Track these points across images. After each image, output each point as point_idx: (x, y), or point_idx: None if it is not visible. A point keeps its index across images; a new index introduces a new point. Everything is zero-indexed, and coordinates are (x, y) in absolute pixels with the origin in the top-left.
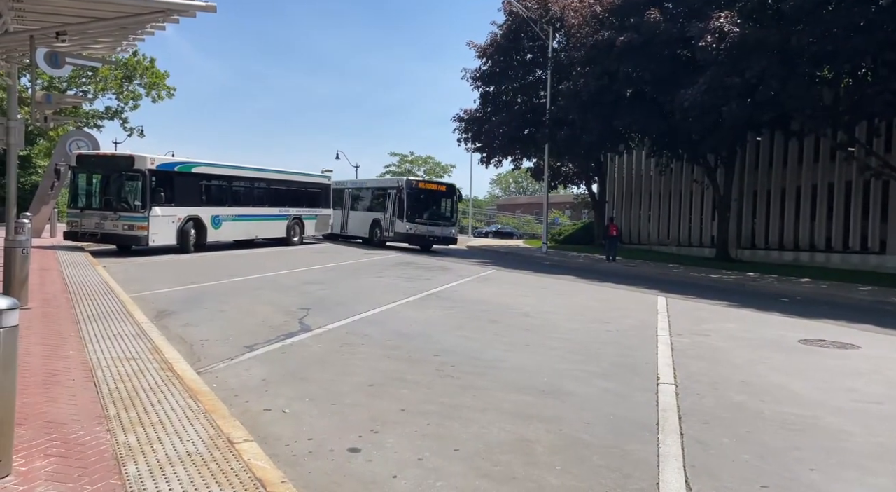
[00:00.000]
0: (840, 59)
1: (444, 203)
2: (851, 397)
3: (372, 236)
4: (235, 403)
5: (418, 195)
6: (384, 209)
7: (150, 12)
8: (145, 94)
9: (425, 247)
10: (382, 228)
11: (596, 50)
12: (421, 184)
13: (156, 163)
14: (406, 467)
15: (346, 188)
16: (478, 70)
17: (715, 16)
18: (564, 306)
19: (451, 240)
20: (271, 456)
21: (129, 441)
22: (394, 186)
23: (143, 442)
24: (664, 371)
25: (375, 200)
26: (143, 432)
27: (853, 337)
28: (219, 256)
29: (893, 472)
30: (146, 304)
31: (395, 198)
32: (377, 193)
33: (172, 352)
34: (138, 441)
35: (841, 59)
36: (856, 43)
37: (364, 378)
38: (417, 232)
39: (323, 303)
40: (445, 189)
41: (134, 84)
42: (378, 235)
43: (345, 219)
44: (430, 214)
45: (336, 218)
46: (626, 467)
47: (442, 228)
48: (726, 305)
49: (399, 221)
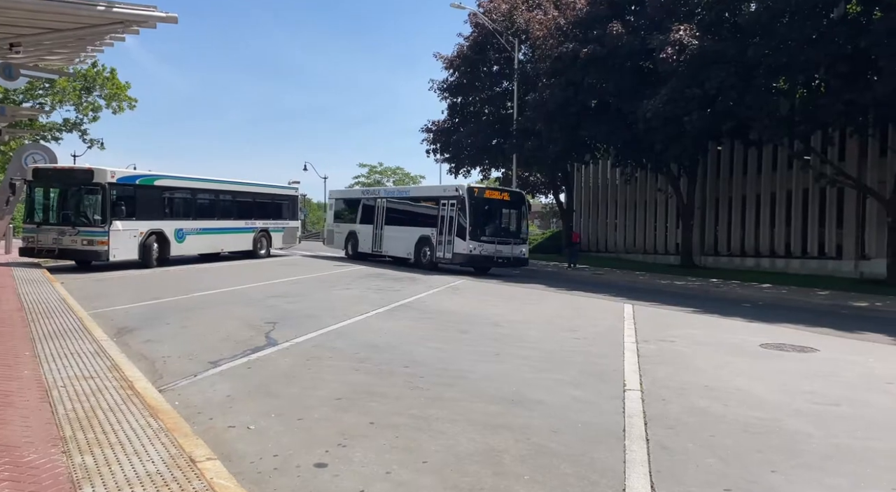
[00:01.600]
0: (794, 70)
1: (511, 215)
2: (810, 400)
3: (419, 257)
4: (198, 420)
5: (482, 206)
6: (436, 224)
7: (109, 23)
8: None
9: (484, 270)
10: (434, 246)
11: (560, 62)
12: (487, 192)
13: (116, 176)
14: (374, 482)
15: (377, 198)
16: (445, 81)
17: (675, 29)
18: (533, 315)
19: (521, 261)
20: (235, 474)
21: (85, 463)
22: (450, 195)
23: (101, 463)
24: (631, 378)
25: (423, 212)
26: (100, 453)
27: (812, 340)
28: (183, 270)
29: (850, 472)
30: (106, 321)
31: (453, 210)
32: (425, 204)
33: (133, 370)
34: (95, 463)
35: (795, 71)
36: (809, 55)
37: (332, 392)
38: (484, 252)
39: (290, 316)
40: (511, 198)
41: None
42: (427, 256)
43: (377, 235)
44: (498, 229)
45: (365, 234)
46: (594, 474)
47: (512, 247)
48: (691, 311)
49: (460, 239)
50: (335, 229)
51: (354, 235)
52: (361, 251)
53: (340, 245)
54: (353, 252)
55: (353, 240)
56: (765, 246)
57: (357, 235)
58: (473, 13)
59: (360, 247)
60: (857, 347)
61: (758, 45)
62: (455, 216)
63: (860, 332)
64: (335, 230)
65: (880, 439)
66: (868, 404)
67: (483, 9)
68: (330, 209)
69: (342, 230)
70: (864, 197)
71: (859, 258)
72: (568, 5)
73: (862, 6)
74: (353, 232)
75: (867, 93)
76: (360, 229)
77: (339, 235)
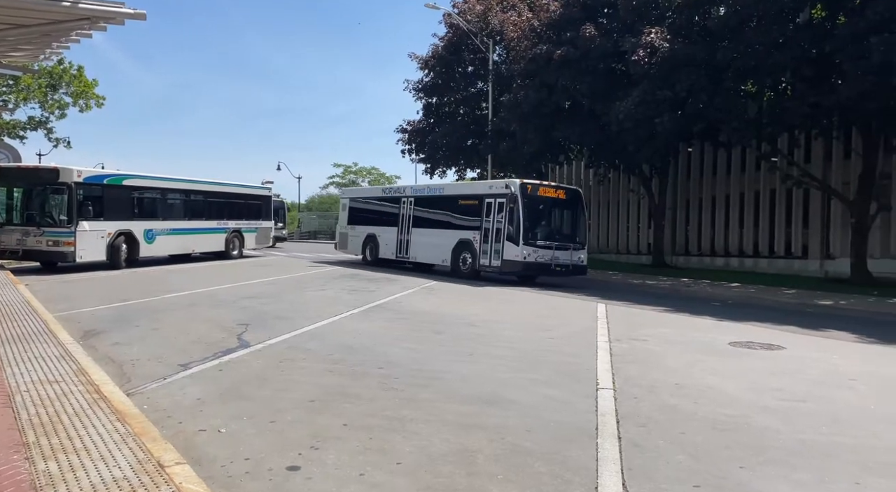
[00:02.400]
0: (762, 73)
1: (568, 216)
2: (777, 396)
3: (458, 265)
4: (168, 424)
5: (537, 205)
6: (479, 226)
7: (75, 19)
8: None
9: (531, 279)
10: (476, 253)
11: (534, 63)
12: (541, 189)
13: (83, 175)
14: (347, 484)
15: (402, 197)
16: (420, 82)
17: (646, 31)
18: (508, 315)
19: (580, 269)
20: (205, 478)
21: (49, 469)
22: (498, 192)
23: (66, 470)
24: (603, 376)
25: (462, 213)
26: (65, 458)
27: (779, 338)
28: (153, 271)
29: (815, 467)
30: (72, 324)
31: (501, 210)
32: (466, 203)
33: (100, 373)
34: (60, 469)
35: (762, 74)
36: (776, 59)
37: (305, 394)
38: (540, 259)
39: (263, 318)
40: (568, 196)
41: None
42: (468, 264)
43: (402, 239)
44: (554, 232)
45: (387, 238)
46: (567, 472)
47: (571, 253)
48: (662, 311)
49: (511, 244)
50: (350, 232)
51: (374, 238)
52: (383, 257)
53: (356, 250)
54: (373, 257)
55: (371, 244)
56: (734, 246)
57: (377, 238)
58: (448, 14)
59: (381, 252)
60: (822, 344)
61: (726, 48)
62: (504, 217)
63: (825, 330)
64: (350, 233)
65: (844, 434)
66: (833, 401)
67: (457, 9)
68: (343, 210)
69: (358, 233)
70: (828, 198)
71: (824, 258)
72: (542, 7)
73: (827, 11)
74: (372, 235)
75: (831, 96)
76: (380, 232)
77: (355, 238)
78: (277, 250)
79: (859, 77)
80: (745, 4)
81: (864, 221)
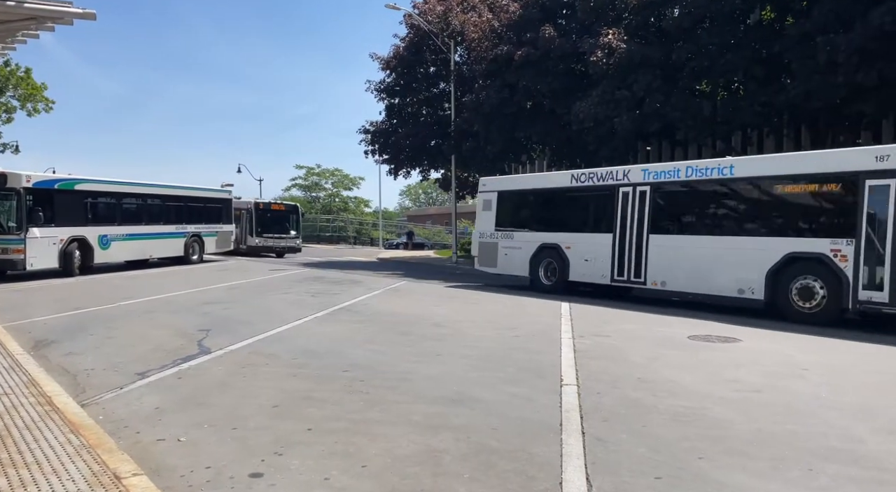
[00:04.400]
0: (715, 73)
1: None
2: (734, 388)
3: (788, 299)
4: (124, 435)
5: None
6: (850, 230)
7: (20, 19)
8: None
9: None
10: (848, 279)
11: (496, 64)
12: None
13: (32, 180)
14: (312, 489)
15: (626, 185)
16: (382, 82)
17: (604, 32)
18: (474, 315)
19: None
20: (164, 489)
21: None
22: None
23: (16, 485)
24: (567, 373)
25: (791, 207)
26: (15, 474)
27: (736, 332)
28: (108, 278)
29: (771, 456)
30: (22, 333)
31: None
32: (804, 191)
33: (52, 384)
34: (10, 485)
35: (716, 74)
36: (728, 59)
37: (268, 399)
38: None
39: (225, 323)
40: None
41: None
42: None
43: (629, 253)
44: None
45: (589, 249)
46: (531, 469)
47: None
48: (625, 308)
49: None
50: (503, 243)
51: (558, 251)
52: (580, 279)
53: (518, 267)
54: (559, 279)
55: (554, 259)
56: None
57: (565, 251)
58: (409, 14)
59: (572, 270)
60: (777, 337)
61: (681, 49)
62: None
63: (780, 322)
64: (504, 245)
65: (797, 423)
66: (787, 391)
67: (418, 10)
68: (487, 210)
69: (520, 243)
70: None
71: None
72: (501, 8)
73: (776, 13)
74: (553, 247)
75: (781, 95)
76: (573, 242)
77: (515, 250)
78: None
79: (807, 76)
80: (697, 6)
81: None
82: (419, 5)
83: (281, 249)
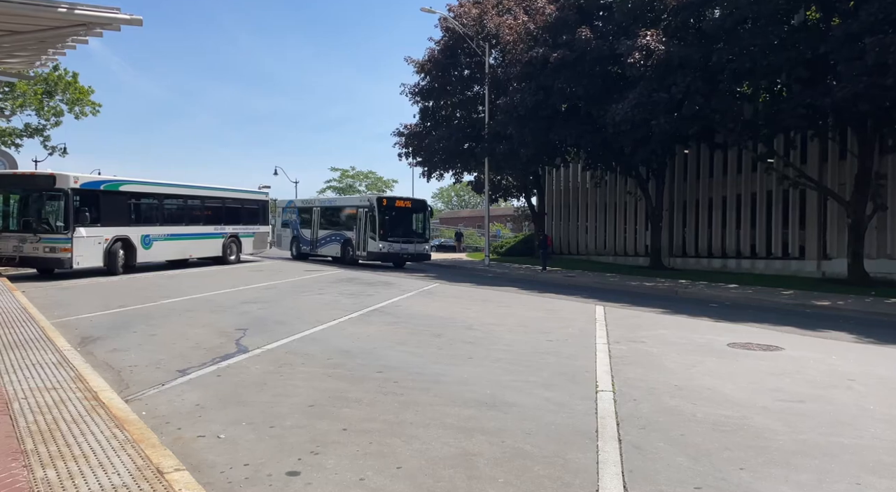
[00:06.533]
0: (757, 75)
1: None
2: (777, 397)
3: None
4: (166, 430)
5: None
6: None
7: (71, 25)
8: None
9: None
10: None
11: (531, 66)
12: None
13: (79, 181)
14: (347, 488)
15: None
16: (416, 85)
17: (642, 34)
18: (507, 318)
19: None
20: (204, 485)
21: (47, 477)
22: None
23: (64, 477)
24: (603, 379)
25: None
26: (63, 466)
27: (777, 339)
28: (150, 277)
29: (815, 468)
30: (69, 330)
31: None
32: None
33: (98, 380)
34: (58, 477)
35: (758, 76)
36: (771, 60)
37: (304, 399)
38: None
39: (261, 323)
40: None
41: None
42: None
43: None
44: None
45: None
46: (567, 475)
47: None
48: (660, 312)
49: None
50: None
51: None
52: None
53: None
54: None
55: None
56: (731, 247)
57: None
58: (444, 18)
59: None
60: (820, 345)
61: (722, 50)
62: None
63: (823, 330)
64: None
65: (843, 435)
66: (832, 401)
67: (453, 13)
68: None
69: None
70: (825, 199)
71: (821, 258)
72: (537, 10)
73: (821, 13)
74: None
75: (827, 97)
76: None
77: None
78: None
79: (854, 78)
80: (739, 6)
81: (860, 221)
82: (454, 9)
83: (409, 255)
